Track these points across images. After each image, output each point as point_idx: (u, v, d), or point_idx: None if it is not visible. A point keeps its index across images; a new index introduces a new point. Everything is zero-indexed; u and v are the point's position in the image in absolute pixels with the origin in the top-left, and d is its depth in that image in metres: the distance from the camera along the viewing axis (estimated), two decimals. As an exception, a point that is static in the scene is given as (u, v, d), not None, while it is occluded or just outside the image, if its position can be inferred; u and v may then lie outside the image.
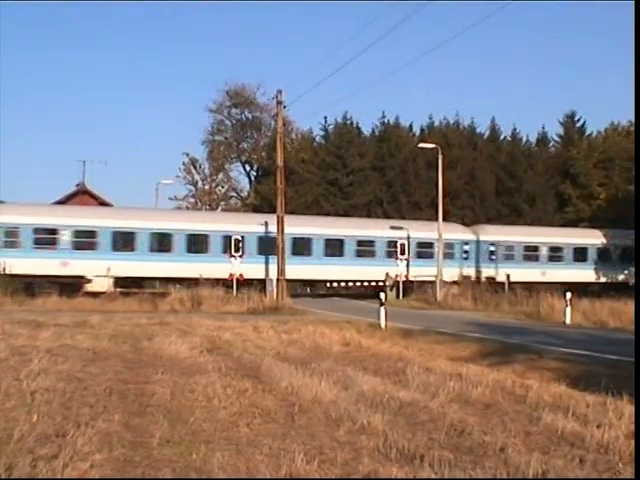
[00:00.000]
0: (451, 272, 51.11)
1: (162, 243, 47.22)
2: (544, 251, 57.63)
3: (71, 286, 42.90)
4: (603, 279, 58.03)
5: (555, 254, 57.64)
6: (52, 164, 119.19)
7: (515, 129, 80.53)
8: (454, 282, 50.89)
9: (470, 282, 51.41)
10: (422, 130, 79.06)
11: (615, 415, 9.58)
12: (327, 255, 51.10)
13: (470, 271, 54.23)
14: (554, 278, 54.05)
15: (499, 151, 78.25)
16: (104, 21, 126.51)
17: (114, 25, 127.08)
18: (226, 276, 46.54)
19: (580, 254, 58.12)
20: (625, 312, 31.87)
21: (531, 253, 57.29)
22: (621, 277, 57.97)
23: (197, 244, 47.97)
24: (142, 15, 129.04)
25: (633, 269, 52.41)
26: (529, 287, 45.39)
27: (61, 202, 60.06)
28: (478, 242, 55.37)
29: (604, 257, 58.80)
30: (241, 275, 47.23)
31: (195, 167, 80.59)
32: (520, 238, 57.26)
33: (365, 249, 52.15)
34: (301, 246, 49.98)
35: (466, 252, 54.79)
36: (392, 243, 52.87)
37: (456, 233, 54.80)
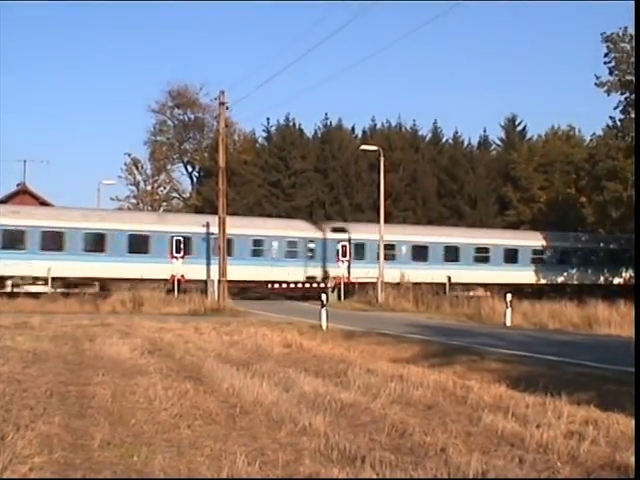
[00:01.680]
0: None
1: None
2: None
3: None
4: None
5: None
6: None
7: (457, 132, 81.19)
8: None
9: None
10: (364, 132, 79.34)
11: (554, 415, 9.68)
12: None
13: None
14: None
15: (441, 154, 78.78)
16: (45, 19, 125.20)
17: (55, 23, 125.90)
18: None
19: None
20: (564, 314, 32.26)
21: None
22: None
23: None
24: (83, 13, 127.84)
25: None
26: None
27: (1, 202, 59.27)
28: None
29: None
30: (182, 276, 47.03)
31: (137, 167, 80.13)
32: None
33: None
34: None
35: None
36: None
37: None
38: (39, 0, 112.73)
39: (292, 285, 50.67)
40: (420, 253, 55.99)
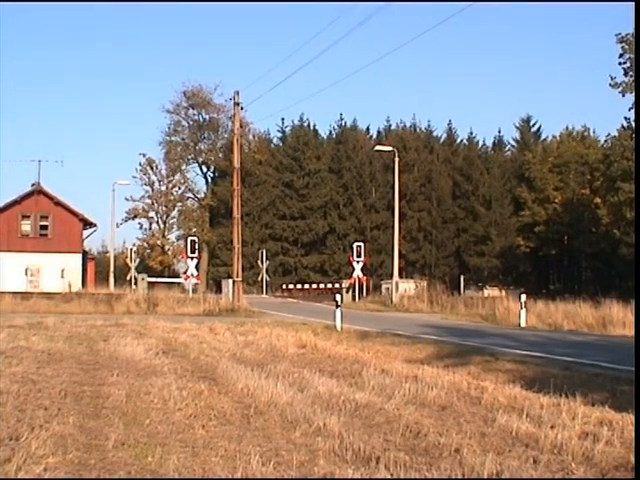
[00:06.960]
0: None
1: None
2: None
3: None
4: None
5: None
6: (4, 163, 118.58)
7: (471, 133, 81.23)
8: None
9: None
10: (379, 133, 79.45)
11: (568, 416, 9.64)
12: None
13: None
14: None
15: (455, 154, 78.75)
16: (59, 21, 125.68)
17: (71, 25, 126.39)
18: None
19: None
20: (579, 314, 32.12)
21: None
22: None
23: None
24: (99, 15, 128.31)
25: None
26: None
27: (16, 202, 59.36)
28: None
29: None
30: (198, 276, 47.08)
31: (152, 168, 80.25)
32: None
33: None
34: None
35: None
36: None
37: None
38: (56, 1, 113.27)
39: None
40: None
